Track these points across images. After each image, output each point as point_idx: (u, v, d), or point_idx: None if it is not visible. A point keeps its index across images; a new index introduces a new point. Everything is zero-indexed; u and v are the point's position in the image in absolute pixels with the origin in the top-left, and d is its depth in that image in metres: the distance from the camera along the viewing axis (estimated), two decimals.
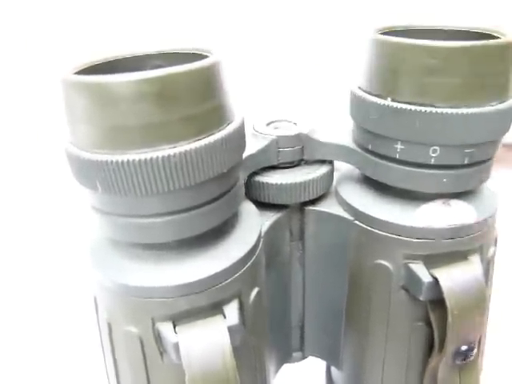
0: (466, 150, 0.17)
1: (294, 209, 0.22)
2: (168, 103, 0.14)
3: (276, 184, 0.21)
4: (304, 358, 0.28)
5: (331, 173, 0.22)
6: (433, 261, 0.19)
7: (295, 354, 0.27)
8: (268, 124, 0.22)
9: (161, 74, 0.13)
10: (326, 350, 0.26)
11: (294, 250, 0.23)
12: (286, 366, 0.27)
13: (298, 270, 0.24)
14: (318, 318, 0.25)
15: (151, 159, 0.14)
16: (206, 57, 0.16)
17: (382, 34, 0.19)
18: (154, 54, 0.17)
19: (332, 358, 0.26)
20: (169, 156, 0.14)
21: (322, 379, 0.31)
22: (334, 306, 0.24)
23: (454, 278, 0.19)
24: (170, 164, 0.14)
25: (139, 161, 0.14)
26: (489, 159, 0.19)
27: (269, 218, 0.21)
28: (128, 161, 0.14)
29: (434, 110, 0.17)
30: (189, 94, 0.14)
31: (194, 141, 0.14)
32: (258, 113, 0.23)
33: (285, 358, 0.27)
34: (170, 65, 0.17)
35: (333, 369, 0.30)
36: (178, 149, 0.14)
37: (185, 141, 0.14)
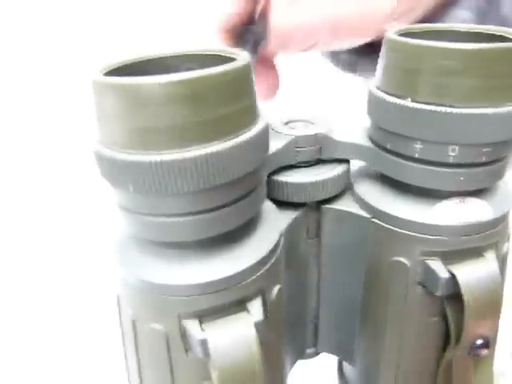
0: (484, 149, 0.18)
1: (311, 207, 0.23)
2: (200, 105, 0.14)
3: (294, 183, 0.21)
4: (317, 354, 0.28)
5: (347, 171, 0.22)
6: (449, 257, 0.20)
7: (308, 351, 0.28)
8: (286, 123, 0.22)
9: (194, 76, 0.14)
10: (339, 346, 0.27)
11: (310, 247, 0.24)
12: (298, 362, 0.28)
13: (314, 267, 0.24)
14: (333, 314, 0.26)
15: (184, 159, 0.14)
16: (230, 58, 0.16)
17: (399, 35, 0.19)
18: (178, 56, 0.18)
19: (345, 353, 0.27)
20: (200, 156, 0.14)
21: (334, 374, 0.31)
22: (348, 303, 0.24)
23: (470, 274, 0.19)
24: (201, 164, 0.14)
25: (172, 161, 0.14)
26: (504, 157, 0.19)
27: (287, 217, 0.21)
28: (161, 161, 0.14)
29: (453, 110, 0.17)
30: (221, 95, 0.14)
31: (225, 141, 0.15)
32: (275, 112, 0.23)
33: (299, 354, 0.27)
34: (195, 66, 0.18)
35: (345, 364, 0.30)
36: (209, 149, 0.14)
37: (215, 141, 0.15)
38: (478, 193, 0.20)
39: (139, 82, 0.14)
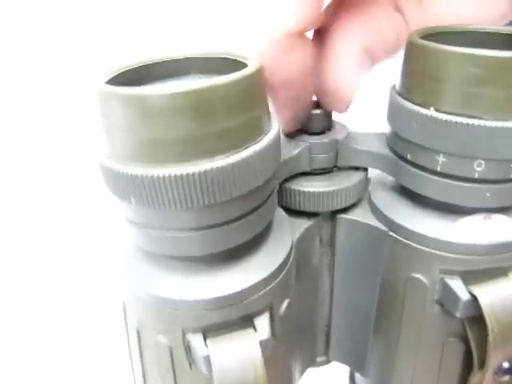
0: None
1: (325, 216, 0.22)
2: (205, 117, 0.13)
3: (308, 192, 0.20)
4: (328, 362, 0.27)
5: (365, 180, 0.21)
6: (471, 277, 0.18)
7: (319, 359, 0.27)
8: (301, 130, 0.21)
9: (202, 87, 0.13)
10: (351, 357, 0.26)
11: (323, 256, 0.23)
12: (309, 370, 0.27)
13: (326, 276, 0.24)
14: (345, 324, 0.25)
15: (187, 174, 0.13)
16: (240, 62, 0.16)
17: (422, 37, 0.18)
18: (184, 59, 0.17)
19: (357, 364, 0.26)
20: (205, 171, 0.13)
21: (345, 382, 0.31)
22: (361, 314, 0.24)
23: (493, 296, 0.18)
24: (206, 179, 0.14)
25: (175, 176, 0.13)
26: None
27: (300, 226, 0.21)
28: (164, 176, 0.13)
29: (481, 122, 0.16)
30: (226, 107, 0.13)
31: (231, 154, 0.14)
32: None
33: (310, 362, 0.27)
34: (202, 71, 0.17)
35: (357, 374, 0.29)
36: (214, 163, 0.14)
37: (221, 155, 0.14)
38: (502, 210, 0.18)
39: (144, 93, 0.13)
